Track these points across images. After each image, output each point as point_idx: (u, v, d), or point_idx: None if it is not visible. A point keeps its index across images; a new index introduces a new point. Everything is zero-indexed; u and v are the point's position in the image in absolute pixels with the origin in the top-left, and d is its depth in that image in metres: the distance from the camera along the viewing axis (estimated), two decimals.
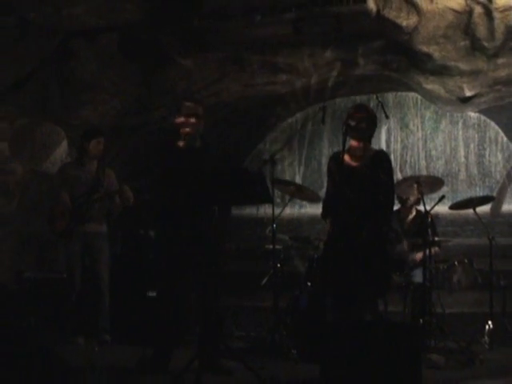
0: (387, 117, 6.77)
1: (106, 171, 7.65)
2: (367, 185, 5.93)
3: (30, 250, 8.58)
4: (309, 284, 7.22)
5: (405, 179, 7.87)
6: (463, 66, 8.57)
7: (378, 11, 7.88)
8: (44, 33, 7.37)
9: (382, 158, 6.12)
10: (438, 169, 12.94)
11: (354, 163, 6.03)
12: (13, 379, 4.85)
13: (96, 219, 7.53)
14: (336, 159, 6.01)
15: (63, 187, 7.55)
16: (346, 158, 5.99)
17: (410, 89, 10.18)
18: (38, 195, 8.53)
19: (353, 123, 5.86)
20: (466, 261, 7.39)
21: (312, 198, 8.34)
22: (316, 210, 10.32)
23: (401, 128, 13.16)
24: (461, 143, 13.00)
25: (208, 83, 8.81)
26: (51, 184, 8.01)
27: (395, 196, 6.47)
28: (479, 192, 12.46)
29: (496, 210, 11.64)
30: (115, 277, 7.73)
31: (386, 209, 6.07)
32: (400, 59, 8.89)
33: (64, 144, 8.69)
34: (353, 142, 6.05)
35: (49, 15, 7.23)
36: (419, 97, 11.36)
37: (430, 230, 7.20)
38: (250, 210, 11.37)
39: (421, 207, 7.31)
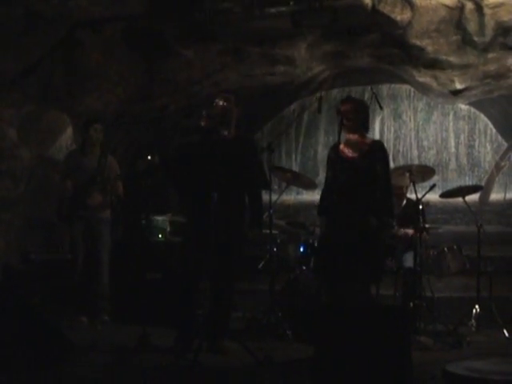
0: (381, 108, 6.89)
1: (108, 159, 7.70)
2: (363, 175, 6.01)
3: (36, 232, 8.66)
4: (304, 268, 7.30)
5: (397, 168, 7.89)
6: (454, 59, 8.74)
7: (374, 6, 8.01)
8: (51, 23, 7.33)
9: (379, 148, 6.19)
10: (430, 158, 13.14)
11: (350, 154, 6.08)
12: (20, 355, 5.11)
13: (99, 205, 7.61)
14: (335, 149, 6.06)
15: (68, 175, 7.67)
16: (344, 148, 6.06)
17: (403, 81, 10.23)
18: (44, 180, 8.60)
19: (341, 116, 5.95)
20: (455, 247, 7.45)
21: (308, 185, 8.38)
22: (312, 196, 10.50)
23: (394, 119, 13.34)
24: (451, 134, 13.18)
25: (208, 73, 8.85)
26: (57, 170, 8.10)
27: None
28: (468, 181, 12.68)
29: (484, 198, 11.79)
30: (116, 260, 7.81)
31: (382, 199, 6.10)
32: (394, 52, 9.00)
33: (69, 131, 8.75)
34: (348, 134, 6.11)
35: (55, 6, 7.19)
36: (412, 89, 11.46)
37: (420, 218, 7.21)
38: None
39: (412, 195, 7.34)
